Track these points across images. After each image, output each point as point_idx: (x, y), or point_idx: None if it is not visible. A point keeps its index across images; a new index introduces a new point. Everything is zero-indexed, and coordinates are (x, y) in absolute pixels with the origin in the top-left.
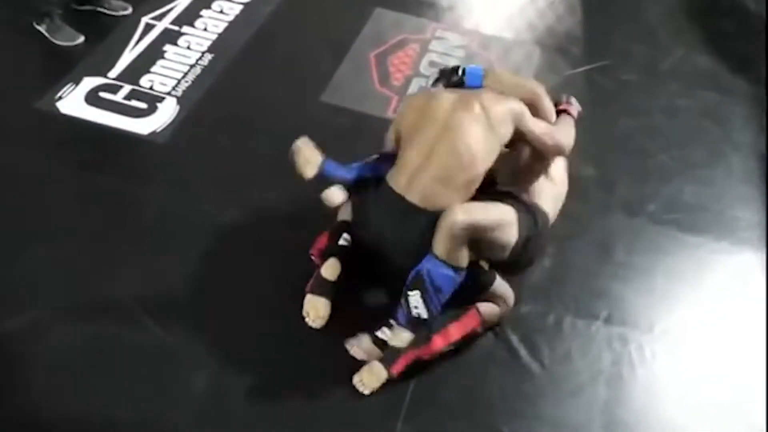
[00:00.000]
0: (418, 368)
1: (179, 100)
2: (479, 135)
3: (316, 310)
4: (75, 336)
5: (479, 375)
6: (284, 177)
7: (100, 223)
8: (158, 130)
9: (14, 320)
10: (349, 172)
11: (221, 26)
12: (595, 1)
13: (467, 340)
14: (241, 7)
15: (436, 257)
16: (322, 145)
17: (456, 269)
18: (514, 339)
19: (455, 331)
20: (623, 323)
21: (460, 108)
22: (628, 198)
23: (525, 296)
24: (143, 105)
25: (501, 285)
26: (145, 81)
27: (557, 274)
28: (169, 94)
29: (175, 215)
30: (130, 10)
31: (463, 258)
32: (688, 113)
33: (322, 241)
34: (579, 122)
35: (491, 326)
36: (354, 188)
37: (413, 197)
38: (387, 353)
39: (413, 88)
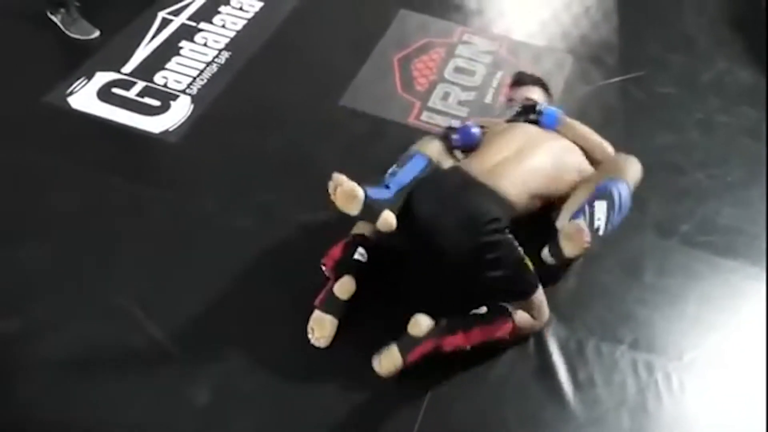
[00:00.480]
0: (430, 383)
1: (193, 98)
2: (560, 157)
3: (321, 328)
4: (73, 340)
5: (495, 398)
6: (298, 181)
7: (106, 223)
8: (170, 129)
9: (10, 321)
10: (388, 192)
11: (240, 23)
12: (631, 9)
13: (486, 346)
14: (261, 4)
15: (625, 181)
16: (338, 149)
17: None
18: (534, 362)
19: (481, 333)
20: (650, 349)
21: (546, 134)
22: (660, 217)
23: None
24: (156, 102)
25: (541, 296)
26: (159, 78)
27: (582, 295)
28: (183, 92)
29: (184, 217)
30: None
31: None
32: (727, 130)
33: (335, 251)
34: (610, 135)
35: (519, 339)
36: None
37: (491, 183)
38: (404, 340)
39: (437, 93)
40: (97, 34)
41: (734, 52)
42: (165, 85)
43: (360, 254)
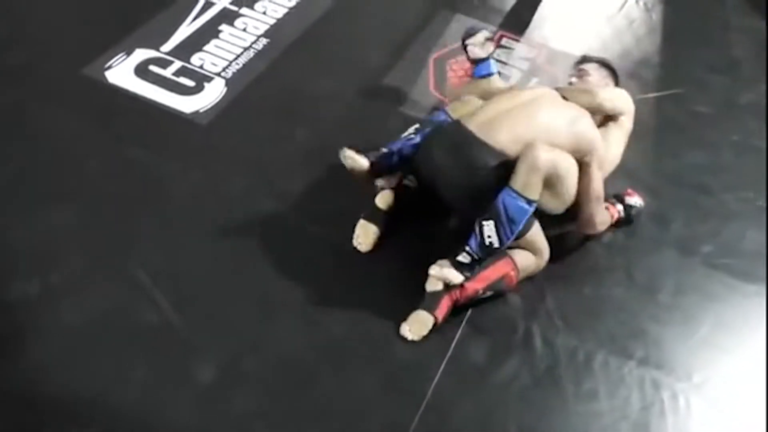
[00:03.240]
0: (430, 383)
1: (227, 82)
2: (559, 115)
3: (364, 235)
4: (84, 308)
5: (496, 406)
6: (320, 171)
7: (129, 197)
8: (201, 111)
9: (30, 284)
10: (390, 159)
11: (281, 12)
12: (677, 27)
13: (501, 287)
14: None
15: (513, 189)
16: (363, 145)
17: (530, 201)
18: (539, 369)
19: (487, 273)
20: (659, 367)
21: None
22: (682, 236)
23: (557, 325)
24: (191, 83)
25: (538, 234)
26: (196, 59)
27: (594, 307)
28: (218, 75)
29: (205, 197)
30: None
31: (537, 190)
32: (761, 153)
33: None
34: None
35: (526, 277)
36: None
37: (486, 137)
38: (427, 299)
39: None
40: None
41: None
42: (201, 67)
43: (409, 179)
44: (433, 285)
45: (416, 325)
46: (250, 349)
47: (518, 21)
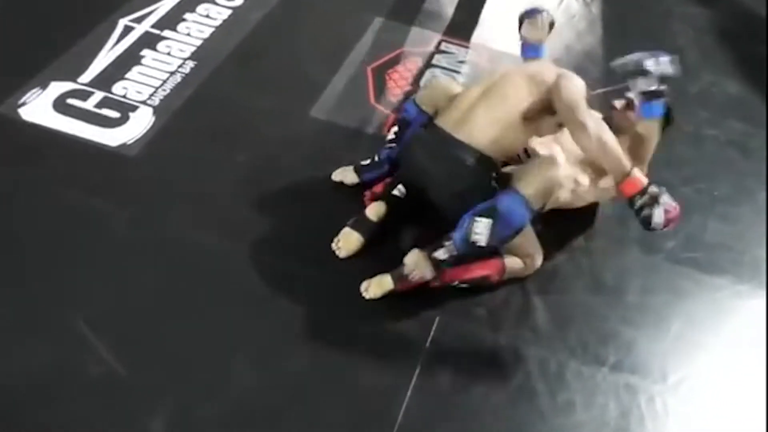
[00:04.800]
0: (400, 405)
1: (155, 110)
2: (522, 81)
3: (347, 242)
4: (17, 361)
5: (471, 425)
6: (266, 196)
7: (58, 241)
8: (129, 143)
9: None
10: (381, 168)
11: (206, 32)
12: (616, 19)
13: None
14: (229, 11)
15: (521, 194)
16: (310, 163)
17: (531, 211)
18: (512, 384)
19: (469, 270)
20: (633, 371)
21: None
22: (643, 233)
23: (526, 337)
24: (115, 114)
25: (533, 241)
26: (118, 88)
27: (562, 315)
28: (144, 103)
29: (141, 236)
30: None
31: (542, 202)
32: (715, 143)
33: (378, 187)
34: None
35: (512, 278)
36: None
37: (462, 135)
38: (398, 270)
39: None
40: None
41: (721, 64)
42: (125, 96)
43: (399, 190)
44: (411, 261)
45: (374, 287)
46: (205, 394)
47: (457, 24)
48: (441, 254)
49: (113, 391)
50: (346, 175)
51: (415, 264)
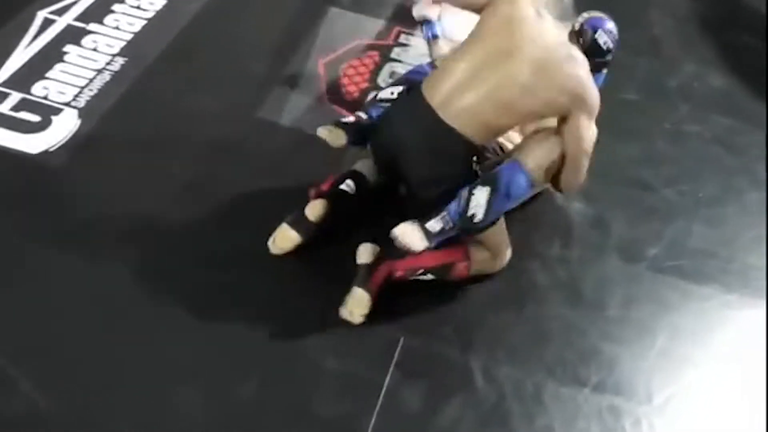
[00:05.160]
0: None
1: (81, 112)
2: (527, 69)
3: (282, 239)
4: None
5: None
6: (205, 206)
7: None
8: (52, 150)
9: None
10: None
11: (138, 24)
12: (593, 7)
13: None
14: (163, 2)
15: (524, 166)
16: (256, 170)
17: (532, 185)
18: (485, 408)
19: (432, 256)
20: (616, 392)
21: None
22: (624, 240)
23: (499, 357)
24: (36, 118)
25: (501, 232)
26: (38, 89)
27: (538, 331)
28: (68, 105)
29: (67, 253)
30: None
31: (544, 177)
32: (698, 140)
33: (326, 184)
34: None
35: (478, 273)
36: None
37: (449, 116)
38: (359, 274)
39: None
40: None
41: (704, 55)
42: (46, 98)
43: (347, 185)
44: (364, 257)
45: (355, 307)
46: (146, 428)
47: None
48: (434, 224)
49: (34, 428)
50: (334, 135)
51: (403, 233)
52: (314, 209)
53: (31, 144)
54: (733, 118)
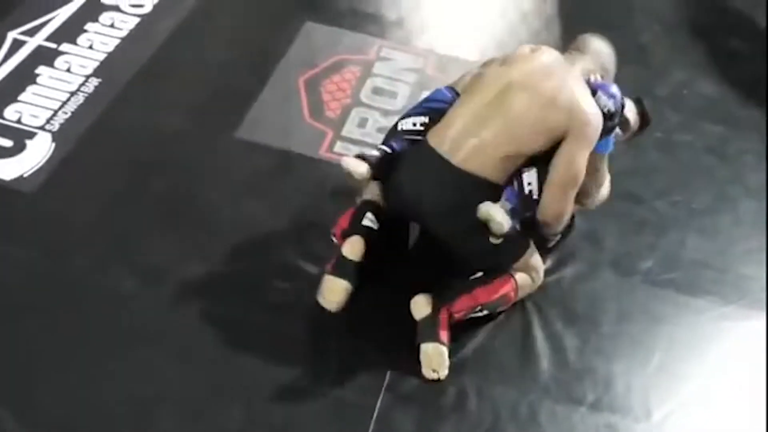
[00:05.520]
0: None
1: (55, 136)
2: (535, 105)
3: (332, 292)
4: None
5: None
6: (188, 230)
7: None
8: (26, 175)
9: None
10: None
11: (111, 44)
12: (577, 15)
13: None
14: (137, 20)
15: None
16: (237, 192)
17: None
18: (480, 430)
19: (484, 292)
20: (613, 409)
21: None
22: (617, 253)
23: (492, 377)
24: (8, 143)
25: (536, 255)
26: (10, 112)
27: (531, 350)
28: (42, 128)
29: (49, 282)
30: None
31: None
32: (690, 150)
33: (344, 220)
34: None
35: (521, 298)
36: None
37: (461, 160)
38: (425, 330)
39: (352, 120)
40: None
41: (694, 62)
42: (18, 121)
43: (369, 219)
44: (422, 311)
45: (435, 362)
46: None
47: (398, 27)
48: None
49: None
50: (357, 167)
51: (490, 209)
52: (354, 248)
53: (5, 170)
54: (724, 126)
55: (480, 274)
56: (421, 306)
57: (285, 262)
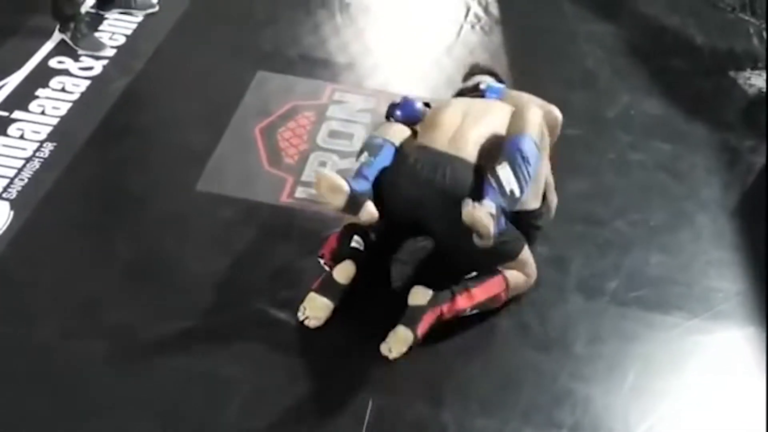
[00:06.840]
0: None
1: (13, 204)
2: (503, 112)
3: (314, 309)
4: None
5: None
6: (157, 288)
7: None
8: None
9: None
10: (367, 183)
11: (64, 108)
12: (521, 46)
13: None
14: (87, 82)
15: (521, 132)
16: (202, 245)
17: (536, 144)
18: None
19: (479, 292)
20: (594, 431)
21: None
22: (583, 276)
23: (472, 409)
24: None
25: (528, 254)
26: None
27: (508, 378)
28: None
29: (17, 354)
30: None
31: (539, 136)
32: (643, 169)
33: (331, 242)
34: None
35: (514, 295)
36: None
37: (461, 153)
38: (408, 314)
39: (311, 164)
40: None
41: (637, 83)
42: None
43: (356, 242)
44: (418, 299)
45: (396, 344)
46: None
47: (348, 70)
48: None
49: None
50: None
51: (475, 210)
52: (345, 272)
53: None
54: (672, 144)
55: (474, 273)
56: (418, 296)
57: (256, 311)
